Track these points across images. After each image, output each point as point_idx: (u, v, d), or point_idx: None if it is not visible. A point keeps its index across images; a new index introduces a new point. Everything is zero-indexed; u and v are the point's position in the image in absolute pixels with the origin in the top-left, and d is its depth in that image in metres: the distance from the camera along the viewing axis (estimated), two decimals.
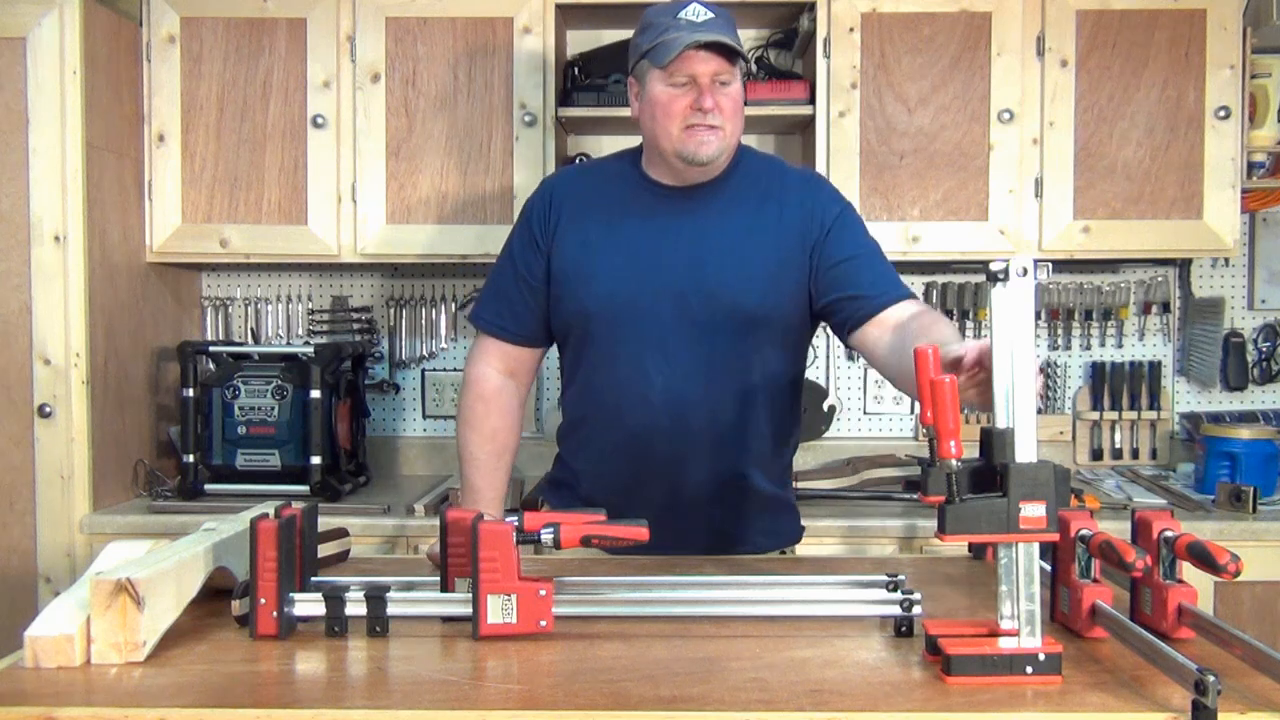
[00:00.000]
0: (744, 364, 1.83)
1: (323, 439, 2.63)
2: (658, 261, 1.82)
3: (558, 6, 2.67)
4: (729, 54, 1.74)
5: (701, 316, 1.80)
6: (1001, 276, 1.21)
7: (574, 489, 1.94)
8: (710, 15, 1.76)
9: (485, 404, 1.92)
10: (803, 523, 2.02)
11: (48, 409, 2.45)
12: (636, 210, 1.85)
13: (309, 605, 1.36)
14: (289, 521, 1.36)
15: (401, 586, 1.43)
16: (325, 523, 1.67)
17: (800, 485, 2.59)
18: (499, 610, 1.33)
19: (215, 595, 1.45)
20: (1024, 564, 1.21)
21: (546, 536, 1.37)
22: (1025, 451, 1.20)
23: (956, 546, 1.84)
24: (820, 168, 2.65)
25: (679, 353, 1.81)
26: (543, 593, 1.34)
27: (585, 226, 1.86)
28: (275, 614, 1.33)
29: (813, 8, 2.67)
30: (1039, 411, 2.95)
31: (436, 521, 1.51)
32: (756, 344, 1.83)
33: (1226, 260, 3.01)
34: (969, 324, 3.02)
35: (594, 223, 1.86)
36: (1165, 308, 3.02)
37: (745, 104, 1.85)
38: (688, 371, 1.81)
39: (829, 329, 1.90)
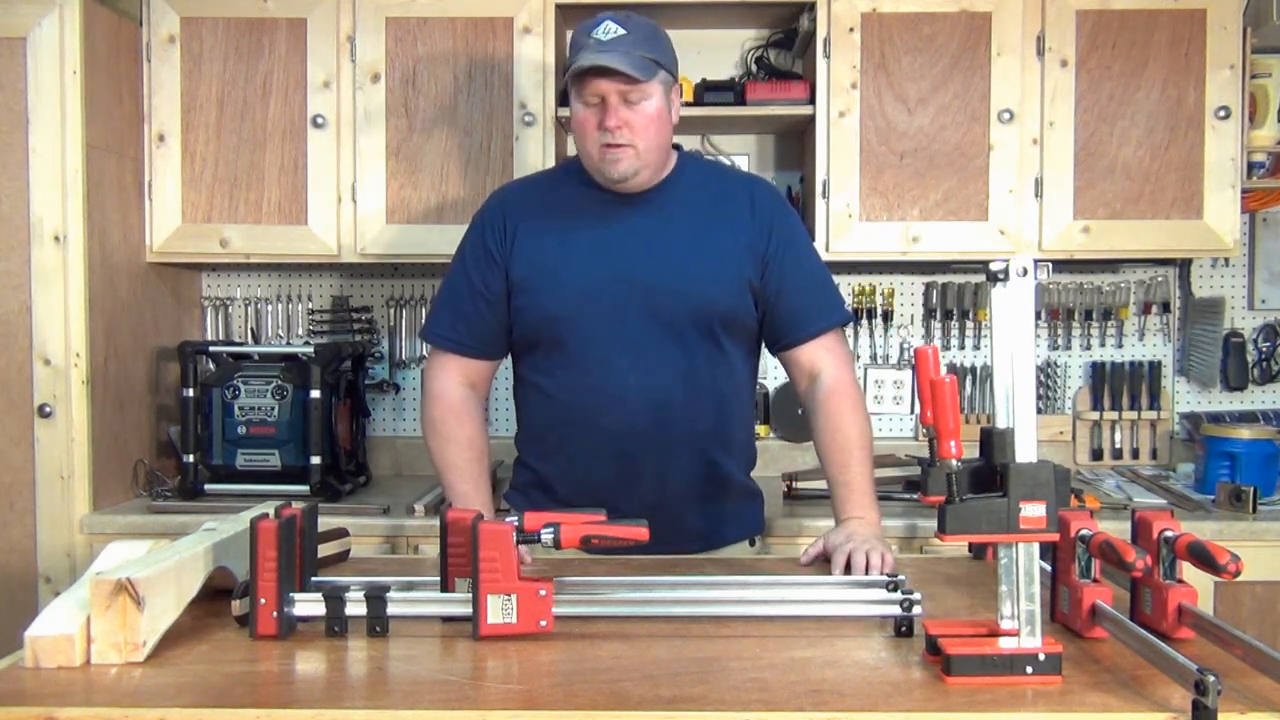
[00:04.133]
0: (714, 358, 1.87)
1: (323, 439, 2.63)
2: (619, 262, 1.84)
3: (558, 6, 2.67)
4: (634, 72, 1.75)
5: (669, 313, 1.83)
6: (1001, 276, 1.21)
7: (548, 492, 1.94)
8: (621, 32, 1.77)
9: (456, 416, 1.92)
10: (804, 522, 2.03)
11: (48, 409, 2.45)
12: (591, 214, 1.88)
13: (309, 605, 1.36)
14: (289, 521, 1.36)
15: (401, 586, 1.43)
16: (325, 523, 1.67)
17: (800, 485, 2.59)
18: (499, 610, 1.33)
19: (215, 595, 1.45)
20: (1024, 564, 1.21)
21: (546, 536, 1.38)
22: (1025, 451, 1.20)
23: (956, 546, 1.85)
24: (820, 168, 2.65)
25: (650, 351, 1.84)
26: (543, 593, 1.34)
27: (541, 233, 1.88)
28: (275, 614, 1.33)
29: (813, 8, 2.67)
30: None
31: (436, 521, 1.51)
32: (725, 337, 1.88)
33: (1226, 260, 3.01)
34: (969, 324, 3.02)
35: (550, 229, 1.88)
36: (1165, 308, 3.02)
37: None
38: (661, 369, 1.84)
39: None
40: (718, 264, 1.85)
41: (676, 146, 1.96)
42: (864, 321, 3.01)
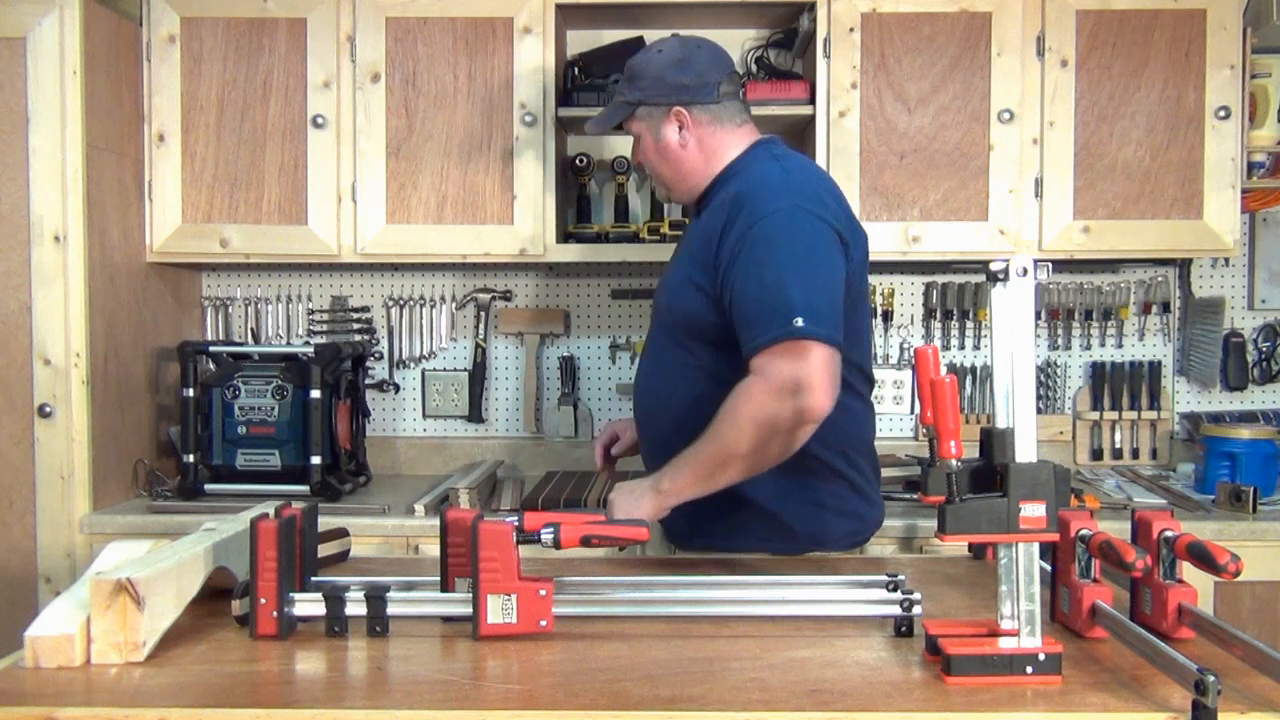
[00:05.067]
0: (688, 363, 1.86)
1: (323, 439, 2.63)
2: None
3: (558, 6, 2.67)
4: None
5: (659, 320, 1.96)
6: (1001, 276, 1.22)
7: None
8: (620, 80, 1.98)
9: None
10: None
11: (48, 409, 2.45)
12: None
13: (309, 605, 1.36)
14: (289, 521, 1.37)
15: (401, 586, 1.44)
16: (325, 523, 1.67)
17: None
18: (499, 610, 1.33)
19: (215, 595, 1.45)
20: (1024, 564, 1.21)
21: (546, 536, 1.38)
22: (1025, 451, 1.20)
23: (956, 546, 1.85)
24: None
25: (652, 354, 1.97)
26: (543, 593, 1.34)
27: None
28: (275, 614, 1.34)
29: (813, 8, 2.67)
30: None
31: (436, 521, 1.51)
32: (696, 343, 1.86)
33: (1226, 260, 3.01)
34: (969, 324, 3.02)
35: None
36: (1165, 308, 3.02)
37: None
38: (654, 371, 1.95)
39: None
40: (677, 270, 1.92)
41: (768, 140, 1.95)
42: None
